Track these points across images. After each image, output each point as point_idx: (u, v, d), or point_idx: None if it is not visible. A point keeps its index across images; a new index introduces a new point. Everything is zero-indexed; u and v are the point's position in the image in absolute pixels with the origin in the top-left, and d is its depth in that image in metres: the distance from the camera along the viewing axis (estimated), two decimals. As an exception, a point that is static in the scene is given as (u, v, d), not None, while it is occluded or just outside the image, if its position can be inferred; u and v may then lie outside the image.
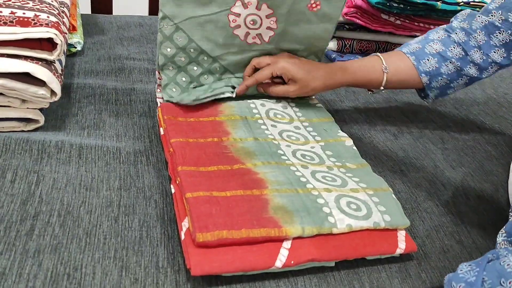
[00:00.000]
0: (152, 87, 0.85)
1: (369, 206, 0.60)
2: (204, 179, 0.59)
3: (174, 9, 0.70)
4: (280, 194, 0.59)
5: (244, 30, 0.75)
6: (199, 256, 0.51)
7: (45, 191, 0.60)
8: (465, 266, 0.50)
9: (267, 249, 0.53)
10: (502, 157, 0.85)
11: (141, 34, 1.04)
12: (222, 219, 0.53)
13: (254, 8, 0.73)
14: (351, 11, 1.03)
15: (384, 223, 0.59)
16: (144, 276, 0.52)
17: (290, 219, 0.55)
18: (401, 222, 0.60)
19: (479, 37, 0.77)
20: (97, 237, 0.55)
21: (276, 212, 0.56)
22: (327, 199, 0.59)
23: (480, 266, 0.49)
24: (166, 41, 0.73)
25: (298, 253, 0.54)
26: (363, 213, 0.59)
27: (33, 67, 0.63)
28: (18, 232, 0.54)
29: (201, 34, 0.73)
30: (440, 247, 0.64)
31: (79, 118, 0.74)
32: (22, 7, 0.65)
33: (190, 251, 0.52)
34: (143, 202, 0.61)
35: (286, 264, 0.53)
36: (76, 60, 0.90)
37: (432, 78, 0.81)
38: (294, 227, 0.55)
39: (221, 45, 0.75)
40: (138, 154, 0.69)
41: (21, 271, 0.50)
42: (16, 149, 0.65)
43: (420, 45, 0.81)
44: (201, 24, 0.73)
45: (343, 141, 0.74)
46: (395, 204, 0.62)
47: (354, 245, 0.57)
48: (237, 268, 0.52)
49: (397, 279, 0.58)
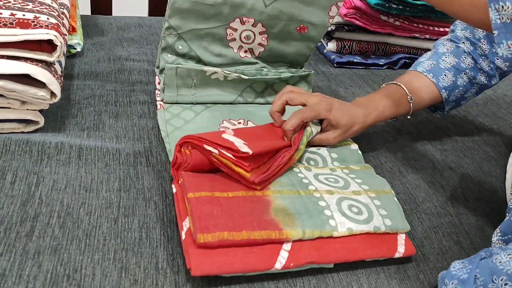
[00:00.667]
0: (152, 88, 0.86)
1: (370, 210, 0.60)
2: (207, 180, 0.59)
3: (179, 21, 0.77)
4: (282, 195, 0.59)
5: (238, 43, 0.82)
6: (199, 256, 0.51)
7: (45, 192, 0.60)
8: (457, 263, 0.51)
9: (268, 251, 0.54)
10: (500, 158, 0.86)
11: (141, 35, 1.05)
12: (223, 220, 0.53)
13: (250, 25, 0.80)
14: (350, 12, 1.03)
15: (385, 227, 0.59)
16: (143, 277, 0.53)
17: (291, 221, 0.56)
18: (401, 226, 0.60)
19: (484, 46, 0.78)
20: (97, 239, 0.56)
21: (277, 214, 0.56)
22: (328, 201, 0.60)
23: (472, 264, 0.49)
24: (168, 48, 0.79)
25: (298, 256, 0.54)
26: (364, 216, 0.59)
27: (33, 69, 0.63)
28: (18, 233, 0.54)
29: (200, 44, 0.80)
30: (439, 248, 0.64)
31: (78, 119, 0.74)
32: (22, 9, 0.65)
33: (191, 252, 0.52)
34: (143, 203, 0.61)
35: (286, 266, 0.53)
36: (76, 61, 0.90)
37: (451, 92, 0.81)
38: (295, 230, 0.55)
39: (216, 55, 0.82)
40: (138, 156, 0.69)
41: (21, 273, 0.50)
42: (16, 150, 0.66)
43: (434, 61, 0.81)
44: (201, 36, 0.79)
45: (349, 145, 0.74)
46: (396, 208, 0.62)
47: (353, 248, 0.57)
48: (237, 269, 0.52)
49: (396, 280, 0.58)
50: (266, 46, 0.84)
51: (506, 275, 0.45)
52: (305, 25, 0.82)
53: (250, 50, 0.84)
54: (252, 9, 0.77)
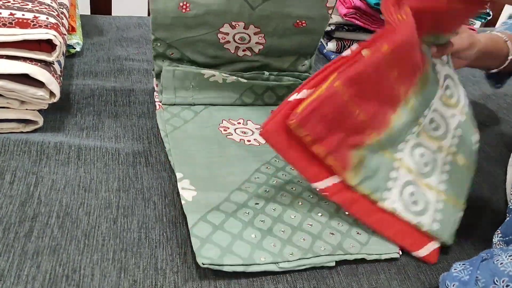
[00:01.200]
0: (151, 88, 0.85)
1: (427, 208, 0.60)
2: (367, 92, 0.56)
3: (165, 33, 0.75)
4: (372, 147, 0.59)
5: (234, 44, 0.79)
6: (279, 126, 0.54)
7: (44, 192, 0.60)
8: (459, 265, 0.51)
9: (322, 169, 0.57)
10: (501, 158, 0.85)
11: (140, 35, 1.04)
12: (321, 130, 0.54)
13: (241, 28, 0.77)
14: (350, 12, 1.03)
15: (427, 228, 0.59)
16: (142, 277, 0.52)
17: (357, 170, 0.57)
18: (445, 237, 0.60)
19: None
20: (96, 239, 0.55)
21: (355, 156, 0.57)
22: (399, 177, 0.60)
23: (473, 265, 0.49)
24: (160, 56, 0.78)
25: (337, 190, 0.57)
26: (417, 209, 0.59)
27: (32, 69, 0.63)
28: (17, 233, 0.54)
29: (193, 49, 0.78)
30: (439, 248, 0.64)
31: (78, 119, 0.74)
32: (21, 9, 0.65)
33: (278, 117, 0.53)
34: (142, 203, 0.61)
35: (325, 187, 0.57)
36: (75, 61, 0.90)
37: None
38: (352, 178, 0.57)
39: (212, 57, 0.80)
40: (137, 155, 0.69)
41: (20, 273, 0.50)
42: (15, 150, 0.65)
43: (503, 28, 0.83)
44: (192, 43, 0.77)
45: (474, 132, 0.70)
46: (452, 221, 0.62)
47: (385, 220, 0.58)
48: (289, 159, 0.56)
49: (396, 280, 0.58)
50: (264, 44, 0.80)
51: (507, 276, 0.45)
52: (302, 20, 0.78)
53: (248, 49, 0.81)
54: (239, 13, 0.74)
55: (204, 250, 0.53)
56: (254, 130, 0.77)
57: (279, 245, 0.56)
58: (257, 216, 0.59)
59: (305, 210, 0.61)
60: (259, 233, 0.57)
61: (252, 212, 0.60)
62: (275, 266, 0.55)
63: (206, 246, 0.54)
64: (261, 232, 0.57)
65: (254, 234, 0.57)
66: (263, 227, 0.58)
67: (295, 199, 0.63)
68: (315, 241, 0.58)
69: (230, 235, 0.56)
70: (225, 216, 0.58)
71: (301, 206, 0.62)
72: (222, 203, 0.60)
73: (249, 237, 0.56)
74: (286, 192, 0.64)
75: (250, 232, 0.57)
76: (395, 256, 0.60)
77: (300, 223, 0.60)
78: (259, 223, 0.58)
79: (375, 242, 0.60)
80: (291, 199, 0.63)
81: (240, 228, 0.57)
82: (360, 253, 0.58)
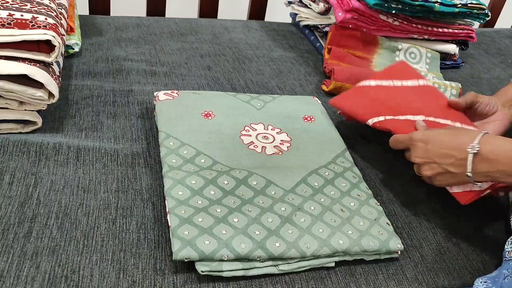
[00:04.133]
0: (150, 89, 0.85)
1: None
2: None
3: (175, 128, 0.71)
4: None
5: (261, 144, 0.72)
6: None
7: (43, 193, 0.60)
8: (480, 283, 0.50)
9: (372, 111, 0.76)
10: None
11: (139, 35, 1.04)
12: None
13: (262, 129, 0.75)
14: (347, 18, 1.02)
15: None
16: (141, 278, 0.52)
17: None
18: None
19: None
20: (95, 240, 0.56)
21: None
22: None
23: (496, 284, 0.48)
24: (171, 153, 0.67)
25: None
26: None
27: (31, 69, 0.63)
28: (16, 234, 0.54)
29: (212, 147, 0.69)
30: (437, 249, 0.64)
31: (76, 120, 0.74)
32: (20, 9, 0.65)
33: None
34: (141, 204, 0.61)
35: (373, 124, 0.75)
36: (74, 61, 0.90)
37: None
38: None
39: (238, 156, 0.69)
40: (136, 156, 0.69)
41: (19, 273, 0.50)
42: (14, 151, 0.65)
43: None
44: (210, 143, 0.70)
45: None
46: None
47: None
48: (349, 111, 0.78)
49: (394, 281, 0.58)
50: (291, 141, 0.74)
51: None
52: (309, 115, 0.80)
53: (276, 147, 0.72)
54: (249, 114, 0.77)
55: (180, 230, 0.54)
56: None
57: (264, 234, 0.56)
58: (245, 205, 0.59)
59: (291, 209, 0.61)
60: (245, 218, 0.57)
61: (239, 201, 0.60)
62: (275, 269, 0.55)
63: (184, 226, 0.54)
64: (247, 218, 0.58)
65: (237, 218, 0.57)
66: (251, 214, 0.58)
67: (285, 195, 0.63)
68: (303, 235, 0.57)
69: (213, 218, 0.56)
70: (209, 202, 0.59)
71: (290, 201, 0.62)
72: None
73: (232, 221, 0.57)
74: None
75: (234, 217, 0.57)
76: (394, 256, 0.60)
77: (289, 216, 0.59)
78: (246, 211, 0.58)
79: (366, 240, 0.59)
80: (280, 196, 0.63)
81: (226, 212, 0.58)
82: (360, 254, 0.58)
